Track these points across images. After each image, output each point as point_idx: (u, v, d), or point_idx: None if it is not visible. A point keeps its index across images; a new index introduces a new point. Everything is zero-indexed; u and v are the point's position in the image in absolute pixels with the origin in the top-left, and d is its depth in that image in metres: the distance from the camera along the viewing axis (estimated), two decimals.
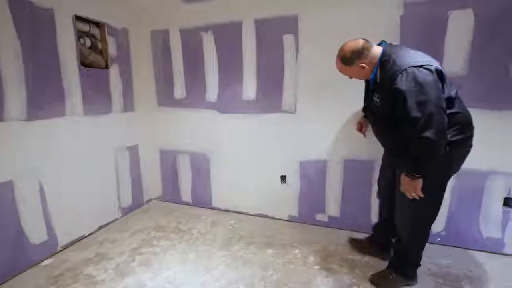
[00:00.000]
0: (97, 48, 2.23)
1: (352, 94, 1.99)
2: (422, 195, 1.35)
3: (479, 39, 1.70)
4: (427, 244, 1.93)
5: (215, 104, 2.42)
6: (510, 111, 1.70)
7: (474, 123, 1.65)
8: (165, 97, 2.59)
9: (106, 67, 2.26)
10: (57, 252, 1.92)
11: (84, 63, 2.08)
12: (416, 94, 1.23)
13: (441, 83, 1.28)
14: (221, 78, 2.36)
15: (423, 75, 1.23)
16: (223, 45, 2.31)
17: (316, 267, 1.74)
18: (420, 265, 1.57)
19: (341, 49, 1.44)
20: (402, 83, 1.24)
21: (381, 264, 1.74)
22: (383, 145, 1.64)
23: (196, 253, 1.91)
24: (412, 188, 1.35)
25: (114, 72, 2.32)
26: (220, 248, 1.96)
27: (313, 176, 2.22)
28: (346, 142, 2.08)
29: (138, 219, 2.42)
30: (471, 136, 1.42)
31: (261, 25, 2.16)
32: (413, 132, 1.25)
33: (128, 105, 2.48)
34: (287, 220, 2.34)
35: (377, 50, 1.40)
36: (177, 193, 2.71)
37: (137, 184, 2.60)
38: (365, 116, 1.88)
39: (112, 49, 2.29)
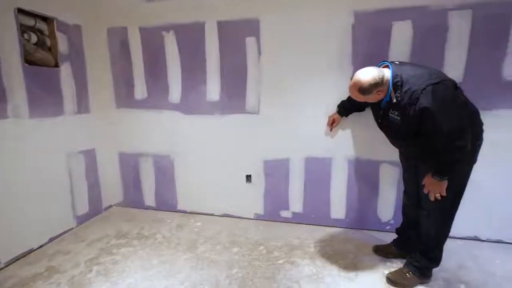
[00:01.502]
0: (45, 45, 2.07)
1: (313, 95, 2.12)
2: (445, 194, 1.43)
3: (417, 48, 1.92)
4: (378, 232, 2.14)
5: (179, 105, 2.38)
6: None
7: None
8: (125, 98, 2.48)
9: (57, 65, 2.10)
10: (0, 269, 1.73)
11: (29, 61, 1.91)
12: (441, 110, 1.31)
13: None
14: (184, 79, 2.34)
15: (442, 90, 1.33)
16: (186, 45, 2.29)
17: (280, 261, 1.81)
18: (439, 264, 1.61)
19: (358, 80, 1.44)
20: (426, 101, 1.31)
21: (339, 253, 1.88)
22: (403, 153, 1.73)
23: (160, 258, 1.86)
24: (438, 189, 1.43)
25: (65, 71, 2.16)
26: (185, 251, 1.93)
27: (277, 175, 2.30)
28: (307, 141, 2.19)
29: (96, 227, 2.28)
30: (482, 124, 1.49)
31: (224, 27, 2.19)
32: (445, 143, 1.33)
33: (83, 107, 2.33)
34: (253, 219, 2.39)
35: (387, 74, 1.45)
36: (139, 197, 2.60)
37: (94, 190, 2.45)
38: (338, 113, 2.03)
39: (62, 47, 2.13)
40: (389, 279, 1.63)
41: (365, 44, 1.98)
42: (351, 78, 1.52)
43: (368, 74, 1.44)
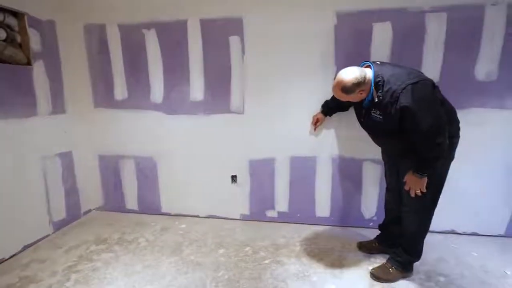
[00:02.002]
0: (15, 42, 1.94)
1: (297, 95, 2.13)
2: (425, 191, 1.47)
3: (397, 48, 1.98)
4: (362, 229, 2.19)
5: (161, 106, 2.32)
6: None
7: None
8: (104, 98, 2.38)
9: (28, 63, 1.99)
10: None
11: None
12: (420, 108, 1.35)
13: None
14: (167, 79, 2.28)
15: (421, 89, 1.37)
16: (168, 44, 2.23)
17: (266, 261, 1.81)
18: (420, 258, 1.67)
19: (341, 80, 1.47)
20: (406, 101, 1.36)
21: (325, 250, 1.90)
22: (385, 150, 1.79)
23: (143, 262, 1.81)
24: (419, 185, 1.47)
25: (38, 69, 2.05)
26: (170, 255, 1.88)
27: (262, 174, 2.29)
28: (292, 141, 2.20)
29: (74, 233, 2.18)
30: (459, 122, 1.55)
31: (207, 25, 2.16)
32: (425, 141, 1.38)
33: (58, 107, 2.22)
34: (239, 219, 2.37)
35: (369, 74, 1.49)
36: (121, 201, 2.51)
37: (72, 194, 2.34)
38: (322, 112, 2.05)
39: (35, 44, 2.02)
40: (373, 275, 1.67)
41: (347, 44, 2.02)
42: (334, 78, 1.54)
43: (350, 74, 1.46)
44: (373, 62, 1.55)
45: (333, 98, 1.99)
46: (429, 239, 1.99)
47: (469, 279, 1.64)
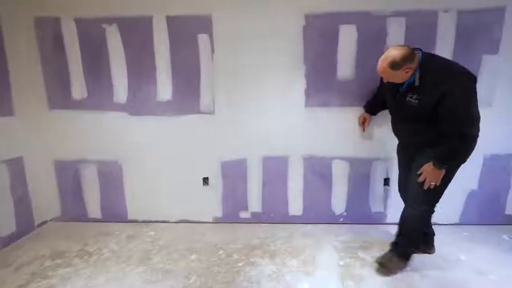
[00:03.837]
0: None
1: (268, 95, 2.12)
2: (439, 184, 1.50)
3: (361, 50, 2.06)
4: (333, 225, 2.24)
5: (125, 106, 2.18)
6: (384, 109, 2.12)
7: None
8: (60, 98, 2.18)
9: None
10: None
11: None
12: (462, 96, 1.38)
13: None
14: (131, 77, 2.15)
15: (467, 80, 1.40)
16: (132, 40, 2.10)
17: (240, 264, 1.78)
18: (419, 248, 1.74)
19: (390, 54, 1.45)
20: (452, 85, 1.37)
21: (298, 249, 1.92)
22: (405, 140, 1.73)
23: (107, 275, 1.68)
24: (435, 178, 1.49)
25: None
26: (137, 264, 1.77)
27: (235, 175, 2.25)
28: (264, 141, 2.19)
29: (27, 248, 1.96)
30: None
31: (174, 22, 2.07)
32: (457, 129, 1.39)
33: (5, 109, 1.99)
34: (212, 222, 2.31)
35: (417, 56, 1.48)
36: (81, 209, 2.32)
37: (23, 205, 2.11)
38: (367, 111, 2.03)
39: None
40: (379, 263, 1.71)
41: (316, 44, 2.06)
42: (383, 54, 1.51)
43: (401, 48, 1.46)
44: (419, 48, 1.54)
45: (374, 96, 1.99)
46: (393, 230, 2.08)
47: (428, 266, 1.75)
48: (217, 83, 2.14)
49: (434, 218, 2.22)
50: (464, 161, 1.55)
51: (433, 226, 1.88)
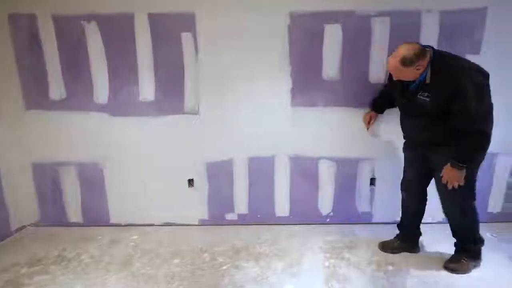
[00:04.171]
0: None
1: (253, 95, 2.09)
2: (463, 184, 1.48)
3: (347, 49, 2.05)
4: (319, 226, 2.24)
5: (106, 106, 2.11)
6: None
7: (345, 121, 1.96)
8: (37, 98, 2.10)
9: None
10: None
11: None
12: (475, 92, 1.36)
13: None
14: (112, 77, 2.08)
15: (479, 76, 1.40)
16: (112, 39, 2.03)
17: (224, 267, 1.75)
18: (484, 241, 1.70)
19: (401, 51, 1.44)
20: (465, 84, 1.37)
21: (284, 250, 1.90)
22: (417, 140, 1.70)
23: (85, 282, 1.62)
24: (458, 178, 1.47)
25: None
26: (118, 270, 1.72)
27: (220, 177, 2.22)
28: (250, 141, 2.16)
29: (2, 254, 1.89)
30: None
31: (156, 20, 2.01)
32: (470, 126, 1.39)
33: None
34: (197, 225, 2.27)
35: (428, 53, 1.47)
36: (61, 213, 2.24)
37: None
38: (373, 110, 1.99)
39: None
40: (448, 268, 1.69)
41: (301, 44, 2.03)
42: (393, 52, 1.49)
43: (412, 46, 1.45)
44: (430, 46, 1.54)
45: (381, 94, 1.96)
46: (379, 229, 2.12)
47: (412, 265, 1.76)
48: (201, 83, 2.09)
49: None
50: (482, 158, 1.55)
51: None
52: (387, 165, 2.17)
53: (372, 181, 2.21)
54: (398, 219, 2.23)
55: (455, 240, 1.77)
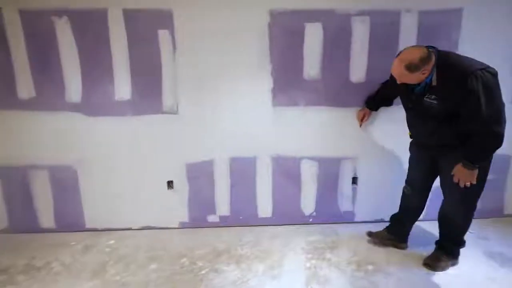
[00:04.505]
0: None
1: (234, 94, 2.05)
2: (475, 182, 1.46)
3: (327, 48, 2.03)
4: (302, 226, 2.22)
5: (80, 106, 2.01)
6: (351, 108, 2.11)
7: (327, 120, 1.94)
8: (3, 97, 1.97)
9: None
10: None
11: None
12: (486, 94, 1.33)
13: None
14: (85, 75, 1.99)
15: (488, 76, 1.35)
16: (85, 35, 1.94)
17: (203, 271, 1.70)
18: (465, 243, 1.72)
19: (406, 56, 1.41)
20: (472, 84, 1.33)
21: (266, 252, 1.86)
22: (426, 142, 1.66)
23: None
24: (469, 178, 1.45)
25: None
26: (90, 278, 1.64)
27: (201, 178, 2.16)
28: (231, 141, 2.11)
29: None
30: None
31: (131, 17, 1.93)
32: (483, 128, 1.36)
33: None
34: (178, 228, 2.20)
35: (434, 56, 1.43)
36: (32, 219, 2.12)
37: None
38: (368, 107, 1.98)
39: None
40: (427, 264, 1.72)
41: (282, 43, 2.01)
42: (397, 55, 1.46)
43: (418, 49, 1.42)
44: (434, 47, 1.49)
45: (378, 91, 1.93)
46: (361, 228, 2.12)
47: (392, 264, 1.77)
48: (180, 82, 2.03)
49: None
50: (492, 157, 1.52)
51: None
52: (368, 164, 2.18)
53: (354, 180, 2.22)
54: (380, 217, 2.27)
55: (437, 238, 1.79)
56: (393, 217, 1.96)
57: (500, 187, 2.24)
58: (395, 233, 1.92)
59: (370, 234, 1.96)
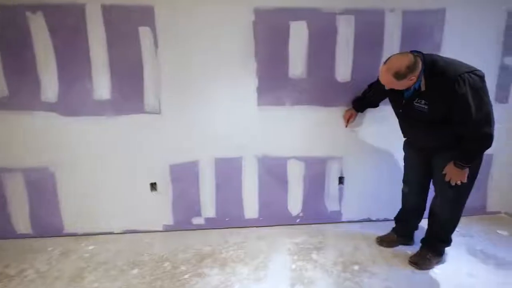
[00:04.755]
0: None
1: (218, 93, 2.00)
2: (465, 181, 1.49)
3: (312, 47, 2.01)
4: (289, 227, 2.20)
5: (56, 105, 1.93)
6: (337, 107, 2.10)
7: (313, 120, 1.91)
8: None
9: None
10: None
11: None
12: (474, 98, 1.35)
13: None
14: (62, 73, 1.90)
15: (476, 79, 1.37)
16: (61, 31, 1.85)
17: (186, 276, 1.64)
18: (451, 242, 1.73)
19: (393, 65, 1.42)
20: (460, 89, 1.35)
21: (251, 254, 1.83)
22: (419, 143, 1.70)
23: None
24: (460, 177, 1.48)
25: None
26: (66, 286, 1.56)
27: (185, 179, 2.10)
28: (215, 141, 2.07)
29: None
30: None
31: (110, 12, 1.86)
32: (474, 131, 1.39)
33: None
34: (162, 231, 2.14)
35: (419, 60, 1.44)
36: (6, 225, 2.01)
37: None
38: (354, 108, 1.99)
39: None
40: (412, 262, 1.72)
41: (267, 41, 1.98)
42: (384, 63, 1.47)
43: (404, 58, 1.43)
44: (419, 52, 1.50)
45: (364, 93, 1.93)
46: (348, 228, 2.11)
47: (378, 263, 1.76)
48: (163, 80, 1.97)
49: (386, 214, 2.27)
50: (482, 157, 1.56)
51: (386, 222, 1.91)
52: (355, 164, 2.17)
53: (341, 180, 2.21)
54: (367, 216, 2.27)
55: (422, 237, 1.80)
56: (397, 218, 1.97)
57: (483, 185, 2.28)
58: (401, 234, 1.94)
59: (380, 241, 1.96)
